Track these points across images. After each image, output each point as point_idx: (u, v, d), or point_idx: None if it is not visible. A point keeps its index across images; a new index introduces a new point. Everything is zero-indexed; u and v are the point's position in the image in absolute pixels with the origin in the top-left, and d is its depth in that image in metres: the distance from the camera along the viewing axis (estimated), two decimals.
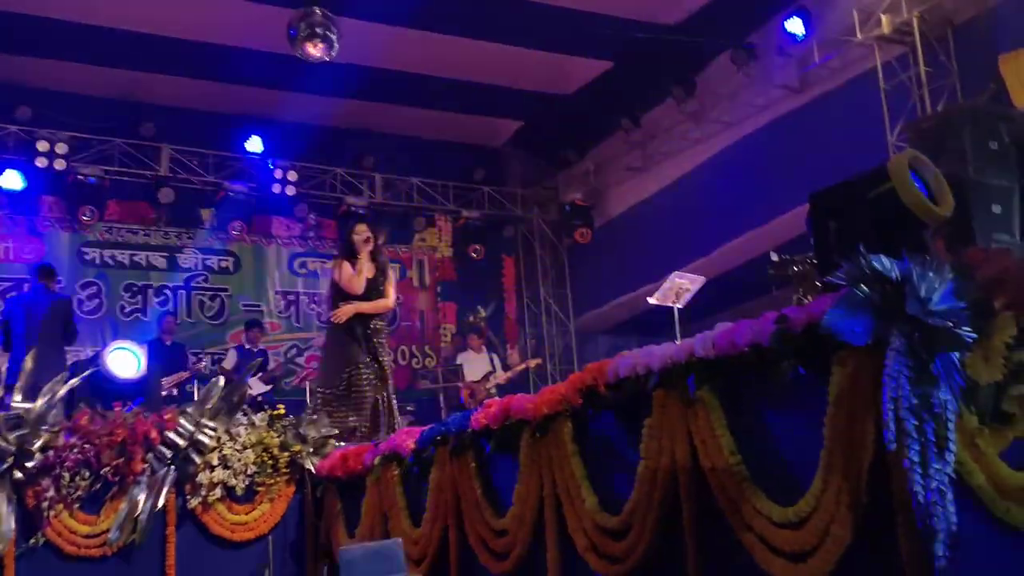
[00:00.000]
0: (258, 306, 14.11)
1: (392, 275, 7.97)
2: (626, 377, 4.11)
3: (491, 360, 12.79)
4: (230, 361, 11.95)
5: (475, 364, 12.71)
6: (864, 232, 3.56)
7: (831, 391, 3.15)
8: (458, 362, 12.99)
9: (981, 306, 2.99)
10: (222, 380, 6.66)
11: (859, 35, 10.88)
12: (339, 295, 7.59)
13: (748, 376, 3.58)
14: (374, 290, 7.59)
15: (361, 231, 7.70)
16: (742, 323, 3.58)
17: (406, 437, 5.68)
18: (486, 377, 12.41)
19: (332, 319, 7.50)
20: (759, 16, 12.30)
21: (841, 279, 3.09)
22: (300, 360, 14.14)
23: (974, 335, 2.92)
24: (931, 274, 2.96)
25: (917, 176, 3.71)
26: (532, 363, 14.00)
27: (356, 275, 7.50)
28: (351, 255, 7.63)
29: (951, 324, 2.91)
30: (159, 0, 11.36)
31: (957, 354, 2.93)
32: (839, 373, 3.13)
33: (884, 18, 10.57)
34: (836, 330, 3.02)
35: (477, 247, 15.57)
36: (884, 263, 3.00)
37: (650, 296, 9.48)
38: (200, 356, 12.93)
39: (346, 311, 7.45)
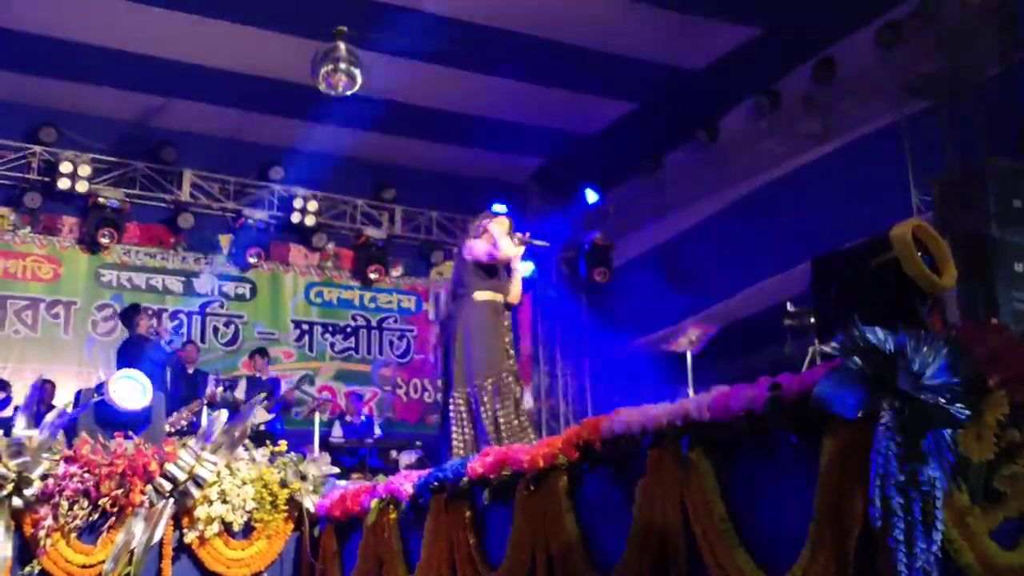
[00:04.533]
0: (272, 334, 14.12)
1: None
2: (621, 435, 4.06)
3: None
4: (241, 391, 11.91)
5: None
6: (864, 301, 3.52)
7: (821, 462, 3.10)
8: None
9: (975, 383, 2.93)
10: (225, 414, 6.63)
11: (886, 87, 10.82)
12: None
13: (742, 440, 3.53)
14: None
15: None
16: (737, 387, 3.54)
17: (404, 480, 5.63)
18: None
19: None
20: (784, 64, 12.27)
21: (836, 349, 3.05)
22: (311, 390, 14.10)
23: (967, 412, 2.86)
24: (925, 348, 2.91)
25: (920, 246, 3.66)
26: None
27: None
28: None
29: (943, 400, 2.85)
30: (186, 27, 11.45)
31: (949, 431, 2.87)
32: (830, 444, 3.08)
33: (912, 71, 10.52)
34: (827, 401, 2.97)
35: None
36: (879, 335, 2.95)
37: (664, 342, 9.46)
38: (217, 382, 12.90)
39: None
